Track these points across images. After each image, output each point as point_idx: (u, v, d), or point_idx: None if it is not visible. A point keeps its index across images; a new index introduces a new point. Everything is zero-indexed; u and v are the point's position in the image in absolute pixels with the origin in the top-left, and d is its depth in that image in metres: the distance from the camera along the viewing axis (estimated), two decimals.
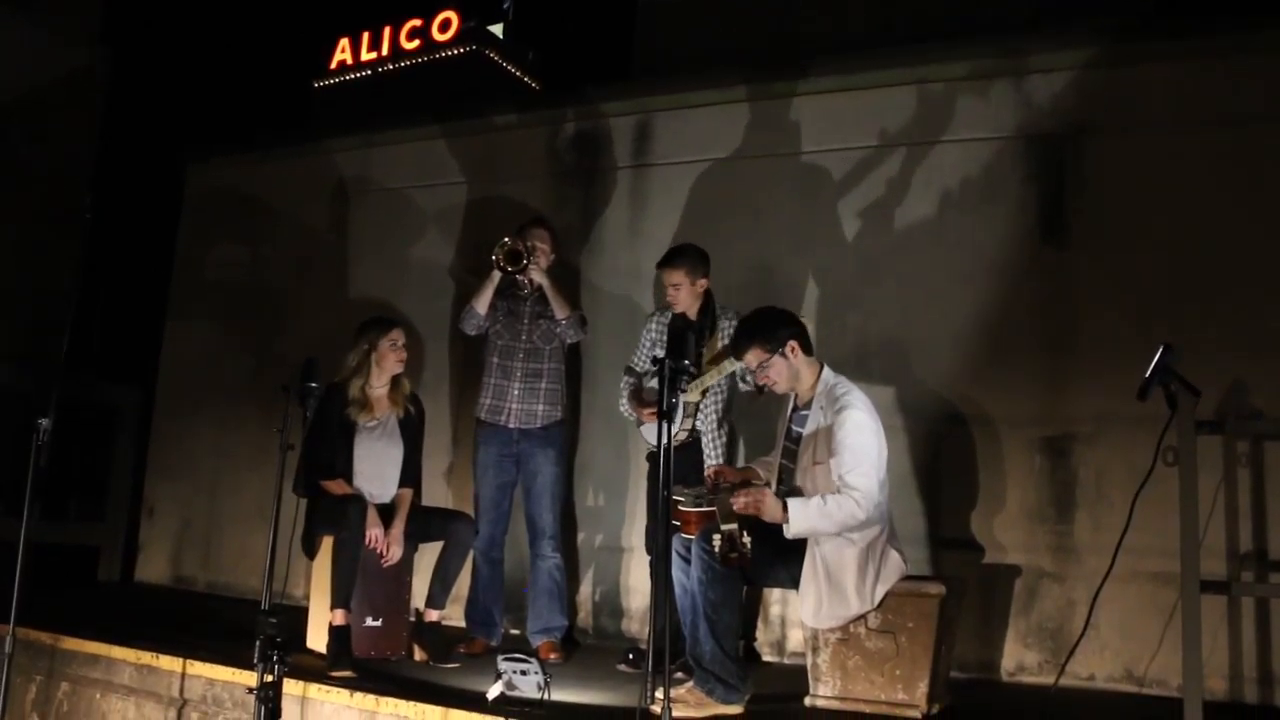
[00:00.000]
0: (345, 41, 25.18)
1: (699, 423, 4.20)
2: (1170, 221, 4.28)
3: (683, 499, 3.52)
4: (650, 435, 4.21)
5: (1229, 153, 4.23)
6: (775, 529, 3.22)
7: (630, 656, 4.23)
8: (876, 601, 3.28)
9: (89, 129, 8.59)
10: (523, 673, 3.21)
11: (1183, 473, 2.90)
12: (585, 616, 5.16)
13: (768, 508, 3.22)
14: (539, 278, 4.41)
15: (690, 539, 3.37)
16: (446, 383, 5.72)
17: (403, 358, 4.38)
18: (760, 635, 4.72)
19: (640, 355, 4.40)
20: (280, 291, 6.47)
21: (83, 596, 6.27)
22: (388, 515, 4.21)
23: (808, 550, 3.31)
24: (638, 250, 5.31)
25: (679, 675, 3.48)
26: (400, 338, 4.37)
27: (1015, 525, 4.36)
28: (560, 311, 4.42)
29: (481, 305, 4.46)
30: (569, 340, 4.55)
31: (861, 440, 3.26)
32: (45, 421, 3.75)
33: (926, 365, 4.61)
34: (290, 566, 3.41)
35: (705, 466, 4.06)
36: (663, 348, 4.11)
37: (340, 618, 3.90)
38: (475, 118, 6.17)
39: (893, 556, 3.32)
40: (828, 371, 3.50)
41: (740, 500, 3.20)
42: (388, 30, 25.09)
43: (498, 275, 4.40)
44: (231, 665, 3.73)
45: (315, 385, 3.52)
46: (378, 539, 4.10)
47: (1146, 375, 2.89)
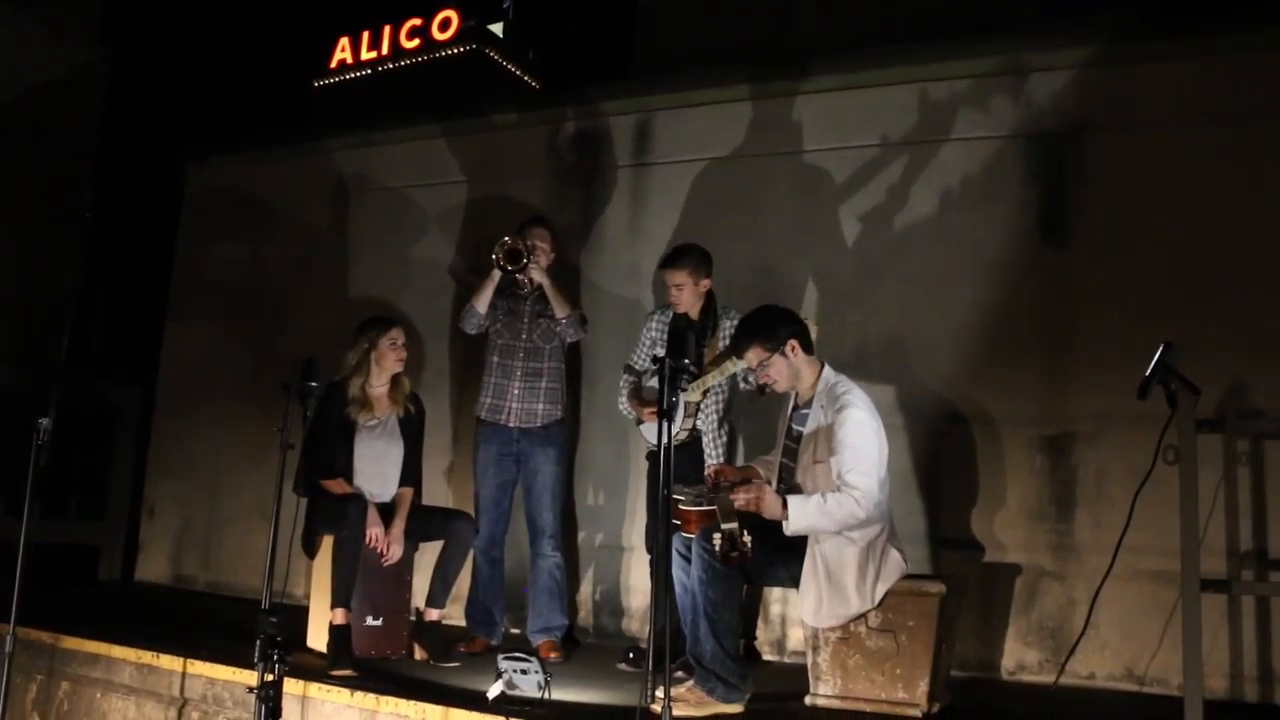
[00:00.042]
0: (345, 40, 25.19)
1: (700, 422, 4.20)
2: (1170, 221, 4.28)
3: (683, 498, 3.52)
4: (650, 434, 4.21)
5: (1229, 152, 4.24)
6: (776, 528, 3.22)
7: (630, 655, 4.23)
8: (877, 600, 3.28)
9: (89, 128, 8.59)
10: (523, 672, 3.21)
11: (1183, 471, 2.90)
12: (585, 615, 5.15)
13: (767, 504, 3.22)
14: (539, 277, 4.41)
15: (691, 538, 3.37)
16: (447, 382, 5.71)
17: (402, 357, 4.38)
18: (761, 634, 4.72)
19: (640, 353, 4.39)
20: (280, 291, 6.47)
21: (83, 596, 6.27)
22: (388, 514, 4.21)
23: (808, 549, 3.31)
24: (638, 249, 5.31)
25: (679, 674, 3.48)
26: (400, 337, 4.37)
27: (1015, 524, 4.37)
28: (560, 310, 4.42)
29: (481, 304, 4.46)
30: (569, 339, 4.55)
31: (862, 439, 3.26)
32: (45, 421, 3.74)
33: (927, 364, 4.61)
34: (290, 566, 3.40)
35: (706, 466, 4.06)
36: (663, 346, 4.10)
37: (341, 617, 3.90)
38: (475, 117, 6.17)
39: (893, 555, 3.32)
40: (828, 370, 3.50)
41: (741, 496, 3.19)
42: (388, 29, 25.10)
43: (498, 274, 4.40)
44: (232, 664, 3.73)
45: (315, 384, 3.52)
46: (378, 538, 4.10)
47: (1147, 374, 2.88)
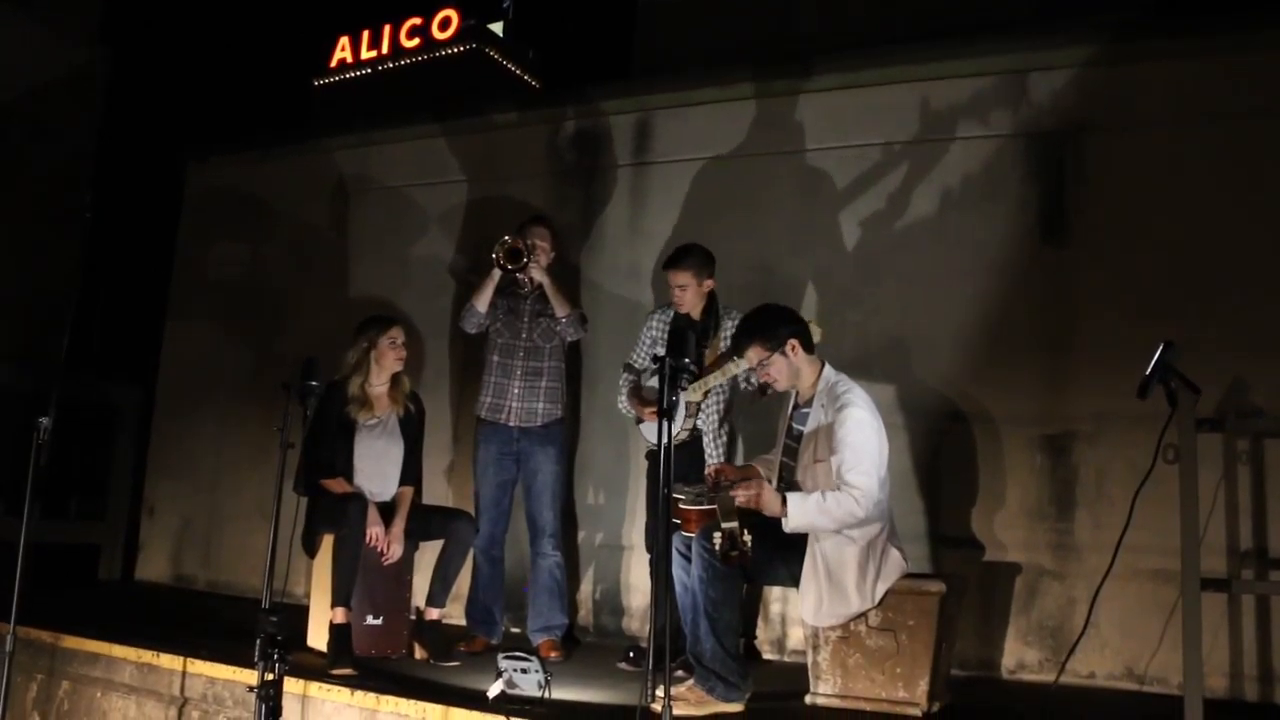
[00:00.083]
0: (345, 40, 25.23)
1: (700, 422, 4.20)
2: (1170, 221, 4.28)
3: (683, 497, 3.52)
4: (650, 433, 4.21)
5: (1229, 151, 4.23)
6: (776, 527, 3.22)
7: (631, 655, 4.23)
8: (877, 599, 3.28)
9: (89, 128, 8.59)
10: (523, 671, 3.21)
11: (1183, 470, 2.90)
12: (586, 615, 5.15)
13: (767, 500, 3.22)
14: (539, 276, 4.41)
15: (691, 537, 3.37)
16: (447, 381, 5.71)
17: (402, 356, 4.38)
18: (761, 633, 4.72)
19: (640, 352, 4.39)
20: (280, 291, 6.46)
21: (83, 595, 6.27)
22: (388, 513, 4.21)
23: (808, 548, 3.31)
24: (638, 248, 5.31)
25: (679, 673, 3.48)
26: (400, 336, 4.37)
27: (1016, 523, 4.37)
28: (560, 310, 4.42)
29: (482, 303, 4.46)
30: (569, 338, 4.55)
31: (862, 438, 3.26)
32: (45, 421, 3.74)
33: (927, 363, 4.61)
34: (291, 565, 3.40)
35: (706, 465, 4.06)
36: (664, 346, 4.10)
37: (341, 616, 3.90)
38: (475, 116, 6.17)
39: (893, 554, 3.32)
40: (829, 369, 3.50)
41: (741, 493, 3.19)
42: (388, 29, 25.15)
43: (498, 273, 4.40)
44: (232, 664, 3.73)
45: (315, 384, 3.53)
46: (378, 537, 4.10)
47: (1147, 373, 2.89)
